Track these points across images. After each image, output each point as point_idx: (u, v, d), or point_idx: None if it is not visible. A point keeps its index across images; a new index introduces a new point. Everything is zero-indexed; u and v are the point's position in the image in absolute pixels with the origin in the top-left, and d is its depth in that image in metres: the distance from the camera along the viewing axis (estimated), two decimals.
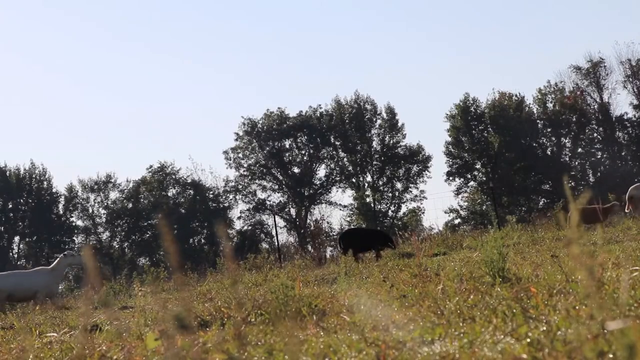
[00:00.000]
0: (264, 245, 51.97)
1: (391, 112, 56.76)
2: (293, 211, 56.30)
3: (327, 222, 53.45)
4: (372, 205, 55.30)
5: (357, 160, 56.00)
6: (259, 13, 76.57)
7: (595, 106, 54.68)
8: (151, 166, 56.16)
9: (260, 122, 56.85)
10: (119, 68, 74.42)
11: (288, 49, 76.97)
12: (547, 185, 54.17)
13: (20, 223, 53.74)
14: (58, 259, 18.09)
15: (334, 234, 53.15)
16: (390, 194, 55.75)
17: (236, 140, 56.92)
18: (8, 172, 54.20)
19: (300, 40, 76.92)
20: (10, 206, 53.81)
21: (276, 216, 51.54)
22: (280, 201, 56.46)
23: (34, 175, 54.69)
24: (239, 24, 76.78)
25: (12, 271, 19.56)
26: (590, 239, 11.55)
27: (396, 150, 56.06)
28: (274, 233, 50.34)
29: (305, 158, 56.78)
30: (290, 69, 76.19)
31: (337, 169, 56.60)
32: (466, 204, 55.47)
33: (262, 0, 75.65)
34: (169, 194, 56.23)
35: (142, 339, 5.52)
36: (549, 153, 54.93)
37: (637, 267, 5.46)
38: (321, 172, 56.92)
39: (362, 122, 56.23)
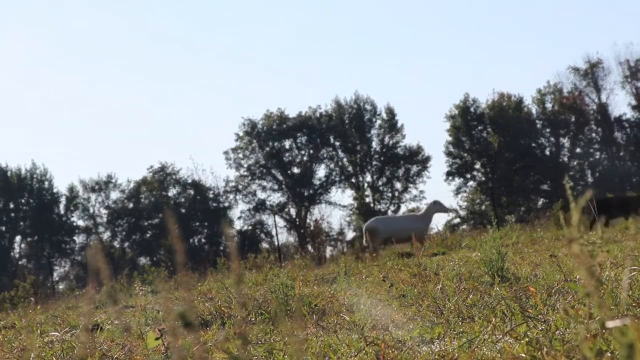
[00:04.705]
0: (264, 245, 52.03)
1: (391, 112, 56.83)
2: (293, 211, 56.36)
3: (327, 222, 53.66)
4: (372, 205, 55.34)
5: (357, 160, 56.05)
6: (258, 13, 76.63)
7: (594, 107, 54.77)
8: (152, 166, 56.33)
9: (260, 122, 56.92)
10: (119, 68, 74.45)
11: (288, 49, 77.02)
12: (546, 185, 54.24)
13: (21, 223, 53.79)
14: (427, 205, 19.67)
15: (334, 233, 53.51)
16: (389, 194, 55.81)
17: (236, 140, 57.04)
18: (9, 172, 54.27)
19: (300, 41, 76.97)
20: (12, 206, 53.87)
21: (276, 216, 51.57)
22: (280, 201, 56.55)
23: (35, 176, 54.76)
24: (239, 24, 76.84)
25: (386, 216, 20.96)
26: (589, 238, 11.57)
27: (396, 151, 56.12)
28: (274, 233, 50.45)
29: (305, 158, 56.84)
30: (290, 69, 76.23)
31: (337, 169, 56.65)
32: (465, 203, 55.52)
33: (262, 0, 75.69)
34: (170, 194, 56.31)
35: (143, 339, 5.54)
36: (547, 153, 55.00)
37: (636, 267, 5.49)
38: (321, 172, 57.04)
39: (361, 123, 56.28)
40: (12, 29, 73.49)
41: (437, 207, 19.51)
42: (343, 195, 70.77)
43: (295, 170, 56.82)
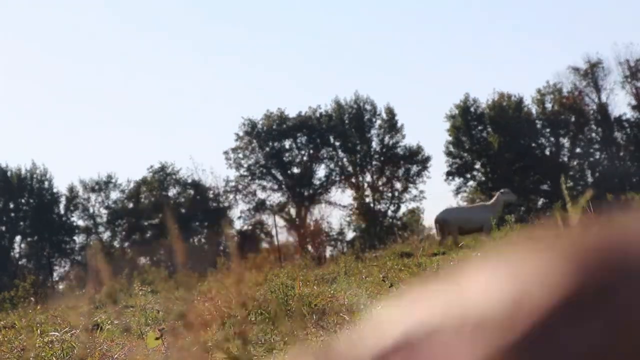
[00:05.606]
0: (264, 245, 52.06)
1: (391, 112, 56.85)
2: (293, 211, 56.36)
3: (327, 222, 53.69)
4: (372, 205, 55.35)
5: (357, 160, 56.04)
6: (258, 13, 76.61)
7: (594, 107, 54.78)
8: (152, 166, 56.30)
9: (260, 122, 56.93)
10: (119, 68, 74.45)
11: (288, 49, 77.01)
12: (546, 185, 54.26)
13: (21, 223, 53.77)
14: (496, 195, 20.24)
15: (334, 233, 53.56)
16: (389, 194, 55.81)
17: (236, 140, 57.03)
18: (9, 172, 54.26)
19: (300, 41, 76.97)
20: (12, 206, 53.86)
21: (276, 216, 51.58)
22: (280, 201, 56.55)
23: (35, 176, 54.74)
24: (239, 24, 76.81)
25: (458, 206, 21.29)
26: None
27: (396, 151, 56.14)
28: (274, 233, 50.45)
29: (304, 158, 56.84)
30: (290, 69, 76.22)
31: (337, 169, 56.65)
32: (465, 203, 55.52)
33: (262, 0, 75.67)
34: (170, 193, 56.32)
35: (143, 339, 5.56)
36: (547, 153, 55.01)
37: None
38: (321, 172, 57.02)
39: (361, 123, 56.28)
40: (12, 29, 73.52)
41: (505, 197, 20.06)
42: (343, 195, 70.84)
43: (295, 170, 56.83)
